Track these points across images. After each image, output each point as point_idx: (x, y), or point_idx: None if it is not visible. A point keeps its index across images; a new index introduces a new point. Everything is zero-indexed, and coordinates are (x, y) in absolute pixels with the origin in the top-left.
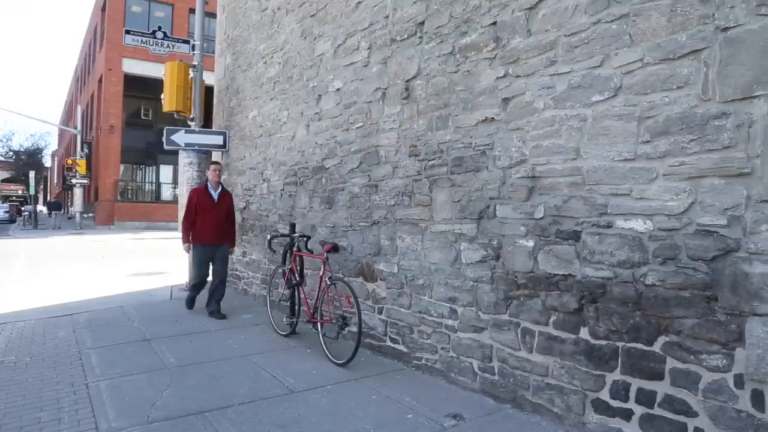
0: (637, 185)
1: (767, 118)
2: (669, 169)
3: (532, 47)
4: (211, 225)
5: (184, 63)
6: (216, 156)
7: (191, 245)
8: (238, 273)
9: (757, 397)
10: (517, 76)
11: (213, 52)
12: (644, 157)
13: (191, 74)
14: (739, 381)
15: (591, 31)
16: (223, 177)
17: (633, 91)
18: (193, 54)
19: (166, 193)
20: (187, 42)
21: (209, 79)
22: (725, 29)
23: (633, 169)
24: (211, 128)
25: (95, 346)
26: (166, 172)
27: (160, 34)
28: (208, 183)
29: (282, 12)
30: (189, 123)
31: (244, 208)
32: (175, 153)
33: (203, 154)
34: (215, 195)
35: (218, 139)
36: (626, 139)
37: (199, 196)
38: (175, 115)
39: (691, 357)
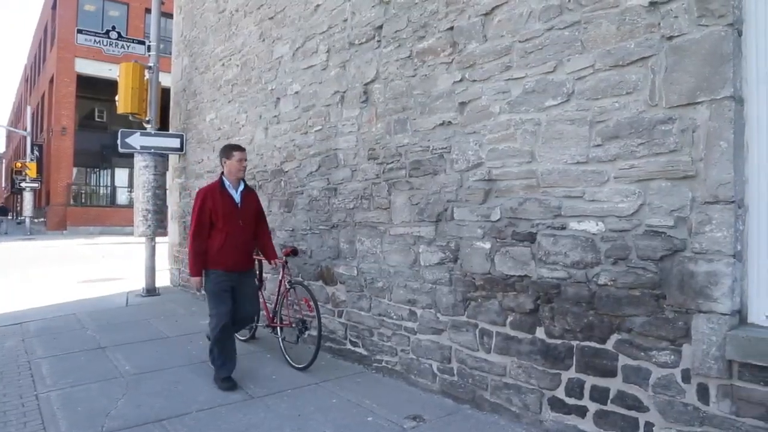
0: (590, 188)
1: (709, 123)
2: (619, 172)
3: (488, 52)
4: (234, 242)
5: (140, 64)
6: (173, 159)
7: (206, 274)
8: None
9: (702, 391)
10: (474, 81)
11: (170, 54)
12: (596, 160)
13: (147, 76)
14: (686, 376)
15: (544, 37)
16: (179, 181)
17: (585, 96)
18: (149, 55)
19: (122, 197)
20: (142, 43)
21: (166, 80)
22: (670, 38)
23: (585, 172)
24: (168, 131)
25: (46, 355)
26: (121, 175)
27: (114, 34)
28: (224, 178)
29: (240, 14)
30: (145, 125)
31: None
32: (131, 156)
33: (159, 157)
34: (237, 196)
35: (175, 142)
36: (579, 143)
37: (213, 198)
38: (130, 117)
39: (642, 354)
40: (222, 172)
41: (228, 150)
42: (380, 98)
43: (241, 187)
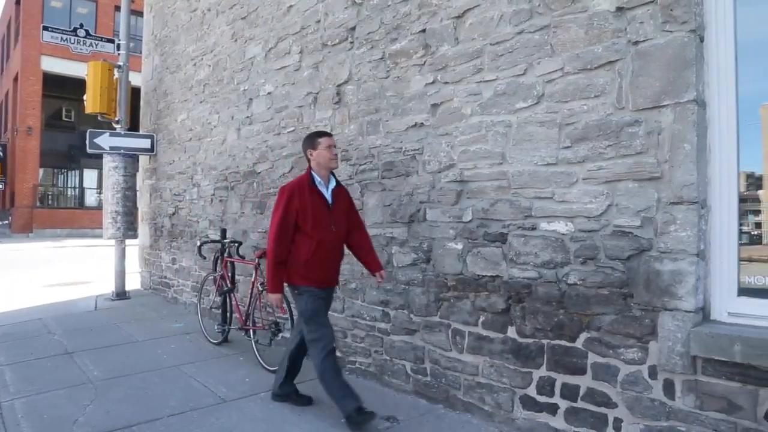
0: (559, 189)
1: (674, 126)
2: (588, 173)
3: (459, 55)
4: (325, 252)
5: (109, 63)
6: (143, 160)
7: (297, 291)
8: (167, 281)
9: (668, 386)
10: (446, 83)
11: (140, 53)
12: (565, 162)
13: (116, 75)
14: (653, 372)
15: (515, 40)
16: (150, 182)
17: (554, 98)
18: (119, 54)
19: (91, 199)
20: (111, 41)
21: (136, 80)
22: (636, 43)
23: (555, 173)
24: (139, 131)
25: (9, 362)
26: (90, 176)
27: (82, 32)
28: (313, 172)
29: (212, 14)
30: (114, 126)
31: (173, 213)
32: (100, 157)
33: (129, 158)
34: (328, 193)
35: (146, 143)
36: (548, 145)
37: (301, 197)
38: (99, 117)
39: (610, 351)
40: (309, 166)
41: (312, 138)
42: (353, 99)
43: (333, 184)
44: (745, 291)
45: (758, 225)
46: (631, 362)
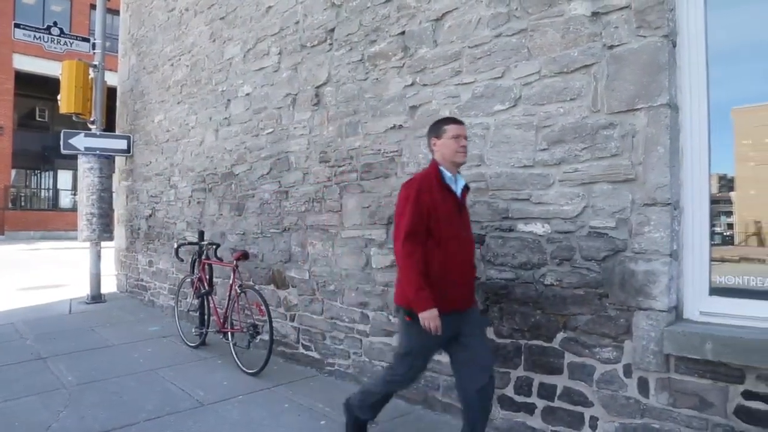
0: (536, 191)
1: (647, 129)
2: (564, 175)
3: (438, 57)
4: (458, 264)
5: (84, 62)
6: (119, 161)
7: (413, 318)
8: (144, 284)
9: (642, 384)
10: (424, 85)
11: (116, 52)
12: (542, 164)
13: (92, 74)
14: (628, 370)
15: (493, 43)
16: (126, 183)
17: (531, 101)
18: (94, 53)
19: (65, 201)
20: (87, 40)
21: (112, 80)
22: (611, 47)
23: (532, 175)
24: (115, 132)
25: None
26: (64, 177)
27: (56, 30)
28: (441, 167)
29: (190, 13)
30: (89, 126)
31: (150, 215)
32: (75, 158)
33: (105, 159)
34: (458, 189)
35: (122, 144)
36: (525, 147)
37: (431, 193)
38: (74, 118)
39: (586, 351)
40: (433, 159)
41: (437, 126)
42: (332, 101)
43: (462, 182)
44: (716, 290)
45: (730, 226)
46: (606, 361)
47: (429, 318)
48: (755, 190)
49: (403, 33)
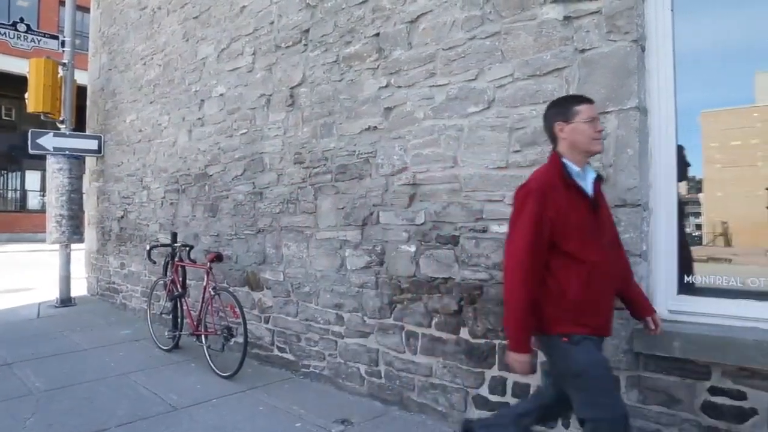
0: (509, 192)
1: (618, 132)
2: None
3: (413, 59)
4: (604, 279)
5: (52, 60)
6: (90, 162)
7: (567, 343)
8: (115, 286)
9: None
10: (399, 87)
11: (86, 50)
12: (515, 165)
13: (61, 72)
14: None
15: (467, 46)
16: (97, 184)
17: (505, 103)
18: (63, 51)
19: (33, 202)
20: (56, 37)
21: (82, 78)
22: (582, 51)
23: (505, 176)
24: (85, 131)
25: None
26: (32, 178)
27: (22, 27)
28: (565, 160)
29: (163, 12)
30: (59, 126)
31: (122, 216)
32: (43, 158)
33: (75, 159)
34: (589, 188)
35: (92, 144)
36: (499, 149)
37: (556, 198)
38: (42, 117)
39: None
40: (555, 151)
41: (566, 106)
42: (307, 102)
43: (592, 175)
44: (684, 289)
45: (699, 226)
46: None
47: (518, 361)
48: (722, 191)
49: (378, 35)
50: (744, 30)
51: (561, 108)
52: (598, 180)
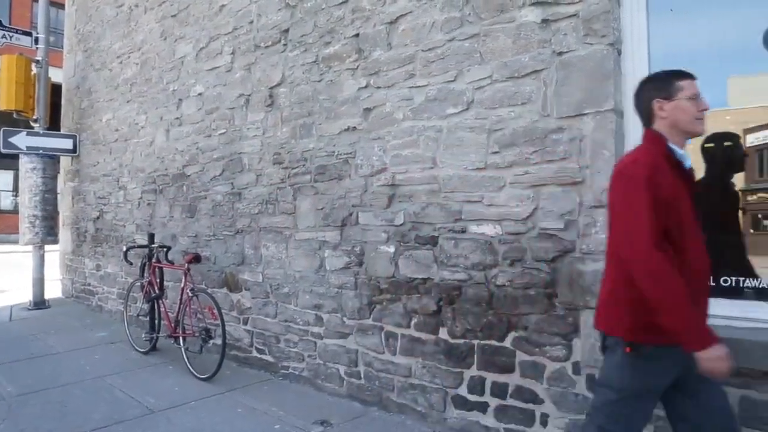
0: (488, 193)
1: (594, 134)
2: (515, 177)
3: (392, 60)
4: (702, 278)
5: (26, 57)
6: (65, 162)
7: (641, 354)
8: (91, 288)
9: (590, 381)
10: (378, 87)
11: (61, 47)
12: (493, 166)
13: (34, 70)
14: (577, 368)
15: (446, 47)
16: (72, 184)
17: (483, 105)
18: (37, 48)
19: (6, 202)
20: (29, 34)
21: (57, 76)
22: (560, 53)
23: (484, 177)
24: (60, 130)
25: None
26: (5, 178)
27: None
28: (669, 143)
29: (140, 10)
30: (32, 124)
31: (98, 217)
32: (16, 157)
33: (49, 158)
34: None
35: (67, 143)
36: (478, 150)
37: (666, 180)
38: (15, 115)
39: (537, 349)
40: (651, 132)
41: (667, 82)
42: (286, 102)
43: (689, 159)
44: None
45: None
46: (556, 359)
47: (715, 359)
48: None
49: (357, 35)
50: (718, 35)
51: (661, 83)
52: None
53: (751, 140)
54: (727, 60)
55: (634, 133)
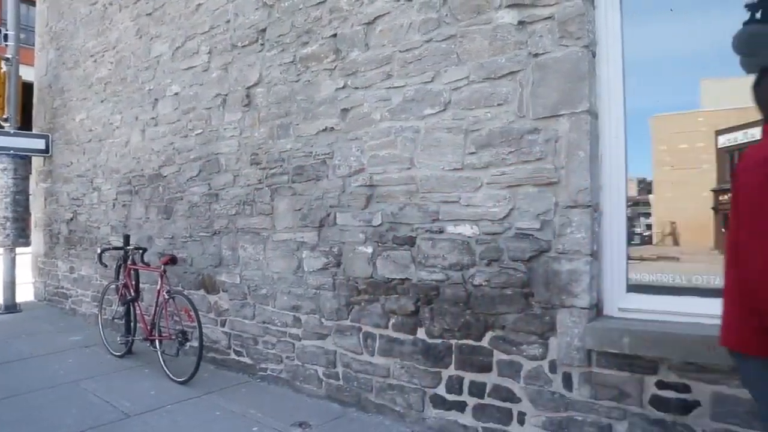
0: (465, 193)
1: (570, 135)
2: (492, 178)
3: (370, 60)
4: None
5: None
6: (37, 162)
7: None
8: (64, 291)
9: (567, 379)
10: (356, 88)
11: (32, 45)
12: (470, 167)
13: (4, 68)
14: (553, 366)
15: (423, 48)
16: (44, 185)
17: (460, 106)
18: (6, 45)
19: None
20: None
21: (28, 75)
22: (536, 55)
23: (461, 178)
24: (31, 130)
25: None
26: None
27: None
28: None
29: (114, 8)
30: (2, 124)
31: (71, 219)
32: None
33: (20, 159)
34: None
35: (39, 143)
36: (455, 151)
37: None
38: None
39: (514, 348)
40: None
41: None
42: (263, 102)
43: None
44: (633, 288)
45: (649, 226)
46: (533, 358)
47: None
48: (671, 192)
49: (335, 35)
50: (690, 38)
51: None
52: None
53: (722, 141)
54: (699, 63)
55: (609, 134)
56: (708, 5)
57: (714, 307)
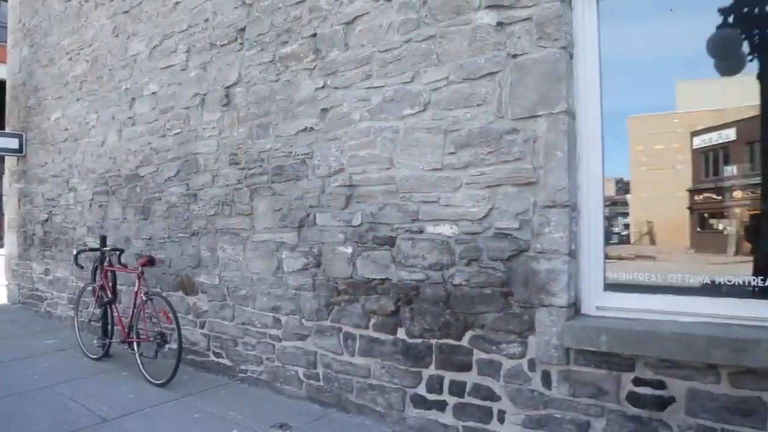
0: (444, 193)
1: (548, 135)
2: (471, 178)
3: (349, 60)
4: None
5: None
6: (10, 162)
7: None
8: (39, 294)
9: (546, 377)
10: (336, 88)
11: (5, 42)
12: (450, 167)
13: None
14: (532, 365)
15: (403, 48)
16: (18, 186)
17: (440, 106)
18: None
19: None
20: None
21: (0, 72)
22: (515, 56)
23: (440, 178)
24: (4, 129)
25: None
26: None
27: None
28: None
29: (90, 5)
30: None
31: (46, 220)
32: None
33: None
34: None
35: (13, 143)
36: (434, 151)
37: None
38: None
39: (494, 347)
40: None
41: None
42: (242, 102)
43: None
44: (610, 286)
45: (627, 226)
46: (512, 357)
47: None
48: (648, 192)
49: (314, 35)
50: (666, 40)
51: None
52: None
53: (697, 142)
54: (675, 65)
55: (586, 135)
56: (684, 8)
57: (689, 305)
